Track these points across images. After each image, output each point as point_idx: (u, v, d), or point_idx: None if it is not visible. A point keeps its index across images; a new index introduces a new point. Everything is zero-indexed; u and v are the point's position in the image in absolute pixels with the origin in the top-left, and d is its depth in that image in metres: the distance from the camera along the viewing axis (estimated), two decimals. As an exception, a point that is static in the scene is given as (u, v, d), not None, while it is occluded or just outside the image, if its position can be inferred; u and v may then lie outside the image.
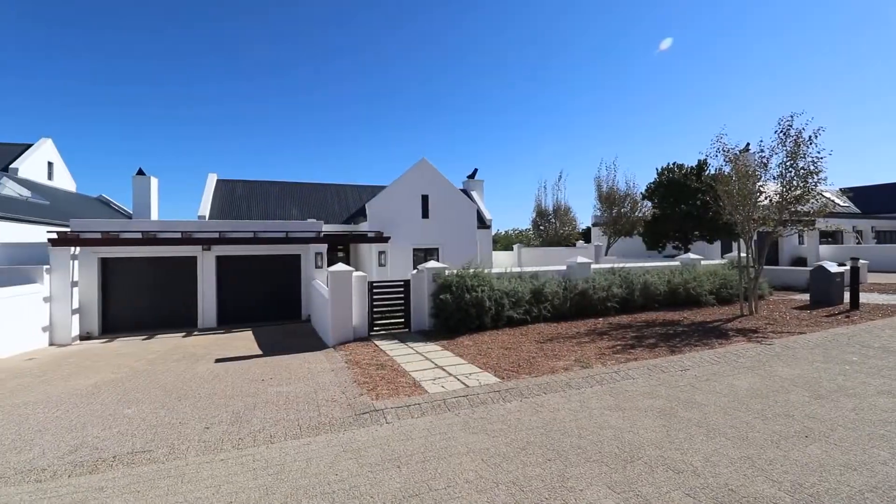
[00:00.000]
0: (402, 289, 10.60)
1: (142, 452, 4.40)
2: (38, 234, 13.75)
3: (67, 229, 12.78)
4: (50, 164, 22.40)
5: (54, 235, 11.82)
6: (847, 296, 12.76)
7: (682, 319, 11.18)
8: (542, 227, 30.35)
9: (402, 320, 10.61)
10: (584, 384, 6.22)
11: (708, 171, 20.04)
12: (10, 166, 19.42)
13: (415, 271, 10.73)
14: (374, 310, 10.32)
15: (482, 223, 21.55)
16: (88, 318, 12.60)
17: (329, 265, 14.27)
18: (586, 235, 33.80)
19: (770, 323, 10.52)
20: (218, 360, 8.56)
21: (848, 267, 13.15)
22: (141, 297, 13.48)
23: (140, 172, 20.06)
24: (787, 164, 11.14)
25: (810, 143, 10.80)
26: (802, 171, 10.92)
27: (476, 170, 25.10)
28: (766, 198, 11.62)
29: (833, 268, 13.34)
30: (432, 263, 10.70)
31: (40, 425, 5.23)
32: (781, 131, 11.24)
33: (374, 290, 10.33)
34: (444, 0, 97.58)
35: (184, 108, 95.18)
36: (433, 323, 10.40)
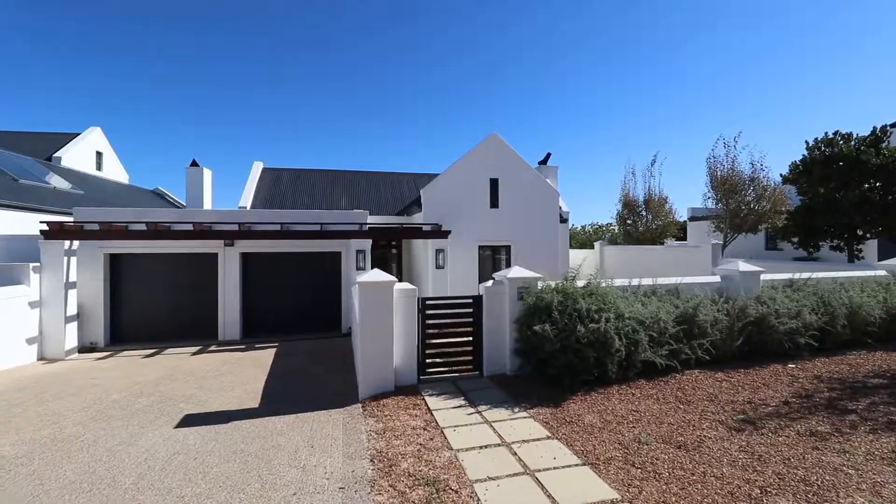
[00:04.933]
0: (469, 308, 6.98)
1: None
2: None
3: (69, 219, 10.64)
4: (99, 153, 21.28)
5: (45, 226, 9.60)
6: None
7: (940, 371, 6.56)
8: (629, 222, 25.25)
9: (470, 357, 7.00)
10: None
11: (889, 141, 14.37)
12: (54, 156, 18.31)
13: (489, 283, 7.01)
14: (428, 339, 6.81)
15: (559, 217, 17.38)
16: (92, 326, 10.37)
17: (377, 265, 11.13)
18: (682, 231, 28.21)
19: None
20: (183, 421, 5.46)
21: None
22: (157, 301, 11.11)
23: (194, 164, 18.11)
24: None
25: None
26: None
27: (549, 154, 20.22)
28: None
29: None
30: (516, 271, 6.93)
31: None
32: None
33: (428, 311, 6.80)
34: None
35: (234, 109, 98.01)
36: (518, 365, 6.68)
